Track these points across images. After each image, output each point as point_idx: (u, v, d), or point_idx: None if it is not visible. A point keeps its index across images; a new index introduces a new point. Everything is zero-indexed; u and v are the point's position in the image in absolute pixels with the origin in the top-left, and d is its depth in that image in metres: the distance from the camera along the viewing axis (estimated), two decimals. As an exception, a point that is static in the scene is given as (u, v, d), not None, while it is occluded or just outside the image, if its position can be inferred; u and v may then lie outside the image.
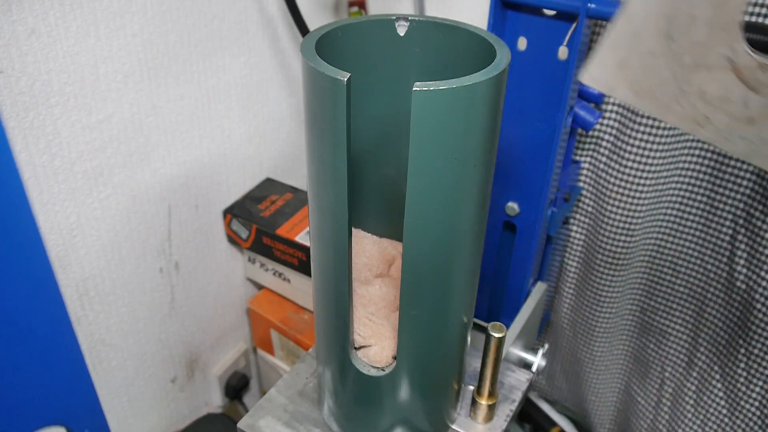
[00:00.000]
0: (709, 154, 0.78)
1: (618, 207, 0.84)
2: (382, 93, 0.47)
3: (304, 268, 0.80)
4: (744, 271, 0.79)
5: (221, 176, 0.81)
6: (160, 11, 0.65)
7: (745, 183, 0.76)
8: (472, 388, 0.51)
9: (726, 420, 0.88)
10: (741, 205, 0.78)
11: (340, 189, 0.37)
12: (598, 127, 0.82)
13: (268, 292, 0.90)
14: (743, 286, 0.80)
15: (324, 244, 0.41)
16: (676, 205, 0.83)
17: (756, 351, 0.80)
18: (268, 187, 0.87)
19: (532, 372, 0.56)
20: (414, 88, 0.32)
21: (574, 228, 0.91)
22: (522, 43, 0.59)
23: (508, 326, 0.67)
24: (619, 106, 0.80)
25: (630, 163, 0.80)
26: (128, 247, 0.71)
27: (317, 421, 0.51)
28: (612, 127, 0.81)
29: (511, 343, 0.69)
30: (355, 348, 0.46)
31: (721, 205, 0.80)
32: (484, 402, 0.50)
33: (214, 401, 0.95)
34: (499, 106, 0.37)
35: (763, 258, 0.77)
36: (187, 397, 0.89)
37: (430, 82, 0.32)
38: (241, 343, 0.96)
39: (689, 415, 0.93)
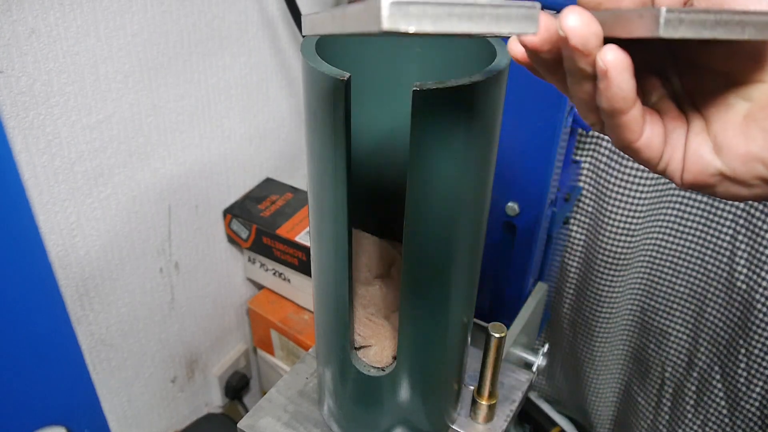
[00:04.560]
0: (709, 154, 0.78)
1: (618, 207, 0.84)
2: (382, 93, 0.47)
3: (304, 268, 0.80)
4: (744, 271, 0.79)
5: (221, 176, 0.81)
6: (160, 11, 0.65)
7: (745, 183, 0.76)
8: (472, 388, 0.51)
9: (726, 420, 0.88)
10: (741, 205, 0.78)
11: (340, 189, 0.37)
12: (598, 127, 0.82)
13: (268, 292, 0.90)
14: (744, 286, 0.80)
15: (324, 244, 0.41)
16: (677, 205, 0.83)
17: (756, 351, 0.80)
18: (268, 187, 0.87)
19: (532, 372, 0.56)
20: (414, 88, 0.32)
21: (575, 228, 0.91)
22: (522, 43, 0.59)
23: (508, 326, 0.67)
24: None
25: (630, 163, 0.80)
26: (128, 247, 0.71)
27: (317, 421, 0.51)
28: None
29: (512, 343, 0.69)
30: (355, 348, 0.46)
31: (722, 205, 0.80)
32: (484, 402, 0.50)
33: (214, 401, 0.95)
34: (499, 105, 0.37)
35: (763, 258, 0.77)
36: (187, 397, 0.89)
37: (430, 82, 0.32)
38: (241, 343, 0.96)
39: (689, 416, 0.93)
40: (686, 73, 0.31)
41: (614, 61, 0.27)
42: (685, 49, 0.30)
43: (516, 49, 0.31)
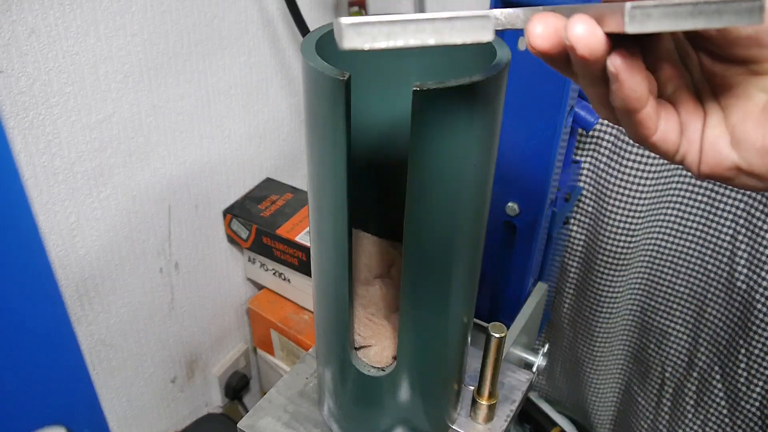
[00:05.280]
0: (709, 154, 0.78)
1: (618, 207, 0.84)
2: (382, 93, 0.47)
3: (304, 268, 0.80)
4: (744, 271, 0.79)
5: (221, 176, 0.81)
6: (160, 11, 0.65)
7: (745, 183, 0.76)
8: (472, 388, 0.51)
9: (726, 420, 0.88)
10: (742, 205, 0.78)
11: (340, 189, 0.37)
12: (598, 127, 0.82)
13: (268, 292, 0.90)
14: (744, 286, 0.80)
15: (324, 244, 0.41)
16: (677, 205, 0.83)
17: (756, 351, 0.80)
18: (268, 187, 0.87)
19: (532, 372, 0.56)
20: (414, 88, 0.32)
21: (575, 228, 0.91)
22: (522, 43, 0.59)
23: (508, 326, 0.67)
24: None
25: (630, 163, 0.80)
26: (128, 247, 0.71)
27: (317, 421, 0.51)
28: (612, 127, 0.81)
29: (512, 343, 0.69)
30: (355, 348, 0.46)
31: (722, 205, 0.80)
32: (484, 402, 0.50)
33: (214, 401, 0.95)
34: (499, 105, 0.37)
35: (763, 258, 0.77)
36: (187, 397, 0.89)
37: (430, 82, 0.32)
38: (241, 343, 0.96)
39: (689, 416, 0.93)
40: (707, 63, 0.31)
41: (623, 65, 0.27)
42: (705, 37, 0.30)
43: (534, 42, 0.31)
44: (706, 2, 0.24)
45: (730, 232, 0.80)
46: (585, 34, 0.26)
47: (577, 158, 0.85)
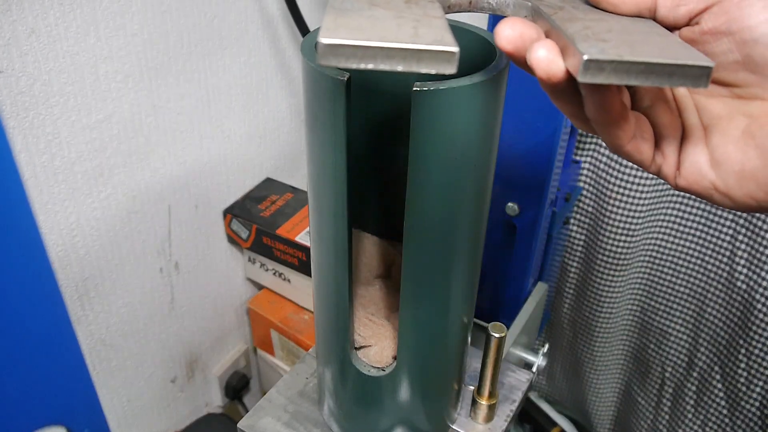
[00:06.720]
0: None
1: (618, 207, 0.84)
2: (382, 93, 0.47)
3: (304, 268, 0.80)
4: (744, 271, 0.79)
5: (221, 176, 0.81)
6: (160, 11, 0.65)
7: (745, 183, 0.76)
8: (472, 388, 0.51)
9: (726, 420, 0.88)
10: (741, 205, 0.78)
11: (340, 189, 0.37)
12: (598, 127, 0.82)
13: (268, 292, 0.90)
14: (744, 286, 0.80)
15: (324, 244, 0.41)
16: (677, 205, 0.83)
17: (756, 351, 0.80)
18: (268, 187, 0.87)
19: (532, 372, 0.56)
20: (414, 88, 0.32)
21: (575, 228, 0.91)
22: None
23: (508, 326, 0.67)
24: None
25: (630, 163, 0.80)
26: (128, 247, 0.71)
27: (317, 421, 0.51)
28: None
29: (512, 343, 0.69)
30: (355, 348, 0.46)
31: (722, 205, 0.79)
32: (484, 402, 0.50)
33: (214, 401, 0.95)
34: (499, 105, 0.37)
35: (763, 258, 0.77)
36: (187, 397, 0.89)
37: (430, 82, 0.32)
38: (241, 343, 0.96)
39: (689, 416, 0.93)
40: None
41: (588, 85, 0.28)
42: None
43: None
44: (659, 63, 0.25)
45: (730, 232, 0.80)
46: (545, 60, 0.27)
47: (577, 158, 0.85)
